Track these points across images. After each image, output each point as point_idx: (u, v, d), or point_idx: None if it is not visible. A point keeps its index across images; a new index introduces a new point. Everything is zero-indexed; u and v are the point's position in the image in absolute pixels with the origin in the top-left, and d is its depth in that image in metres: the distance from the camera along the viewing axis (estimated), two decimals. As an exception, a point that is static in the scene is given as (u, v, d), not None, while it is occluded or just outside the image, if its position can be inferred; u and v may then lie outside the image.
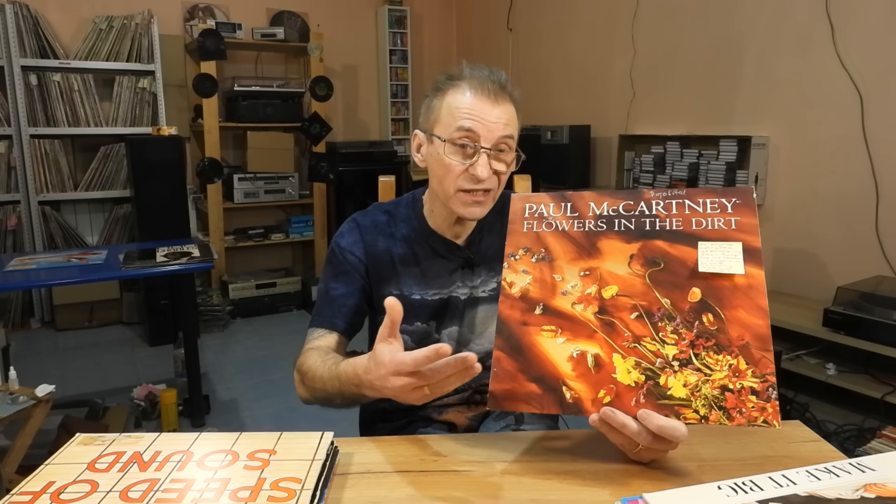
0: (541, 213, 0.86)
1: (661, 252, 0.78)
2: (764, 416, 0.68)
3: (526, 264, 0.83)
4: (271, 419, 2.66)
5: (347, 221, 1.16)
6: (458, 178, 1.01)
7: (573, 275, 0.80)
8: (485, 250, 1.13)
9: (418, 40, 5.11)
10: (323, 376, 0.92)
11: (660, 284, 0.76)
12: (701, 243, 0.77)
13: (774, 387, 0.69)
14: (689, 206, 0.81)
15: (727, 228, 0.78)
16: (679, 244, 0.78)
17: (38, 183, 3.78)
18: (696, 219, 0.79)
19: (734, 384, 0.70)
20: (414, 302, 1.11)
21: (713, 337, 0.72)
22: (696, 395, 0.70)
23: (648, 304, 0.76)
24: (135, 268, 2.39)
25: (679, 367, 0.72)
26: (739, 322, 0.72)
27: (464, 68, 1.05)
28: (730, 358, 0.71)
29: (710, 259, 0.76)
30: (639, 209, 0.82)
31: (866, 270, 2.54)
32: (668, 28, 3.42)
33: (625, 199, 0.84)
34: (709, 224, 0.79)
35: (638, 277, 0.77)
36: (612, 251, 0.80)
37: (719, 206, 0.79)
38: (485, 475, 0.75)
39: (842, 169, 2.64)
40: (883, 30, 2.47)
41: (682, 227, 0.79)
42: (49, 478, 0.68)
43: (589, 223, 0.83)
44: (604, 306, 0.77)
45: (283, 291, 4.22)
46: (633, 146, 3.58)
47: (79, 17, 3.90)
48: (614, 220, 0.82)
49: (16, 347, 3.00)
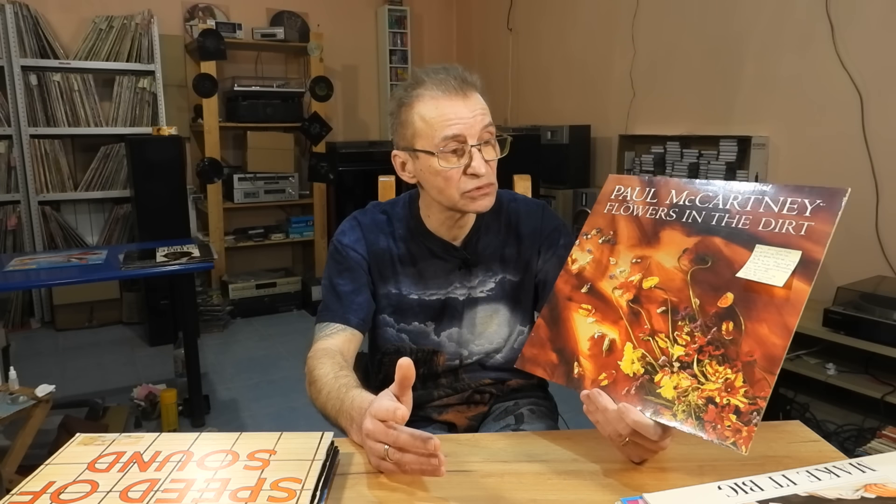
0: (625, 196, 0.87)
1: (714, 250, 0.75)
2: (736, 438, 0.65)
3: (593, 244, 0.85)
4: (271, 419, 2.66)
5: (348, 219, 1.16)
6: (458, 183, 1.01)
7: (626, 260, 0.81)
8: (482, 251, 1.13)
9: (418, 40, 5.11)
10: (329, 393, 0.89)
11: (697, 283, 0.75)
12: (758, 247, 0.73)
13: (761, 412, 0.65)
14: (767, 203, 0.75)
15: (795, 234, 0.71)
16: (735, 244, 0.74)
17: (38, 183, 3.77)
18: (766, 219, 0.74)
19: (722, 399, 0.67)
20: (412, 302, 1.11)
21: (724, 347, 0.70)
22: (682, 399, 0.69)
23: (679, 300, 0.75)
24: (135, 268, 2.38)
25: (678, 369, 0.71)
26: (757, 337, 0.68)
27: (419, 74, 1.03)
28: (729, 372, 0.68)
29: (757, 265, 0.71)
30: (714, 202, 0.79)
31: (866, 270, 2.54)
32: (668, 28, 3.41)
33: (707, 190, 0.81)
34: (777, 226, 0.73)
35: (680, 273, 0.76)
36: (670, 242, 0.79)
37: (798, 208, 0.72)
38: (485, 475, 0.75)
39: (842, 169, 2.64)
40: (883, 30, 2.47)
41: (747, 227, 0.75)
42: (49, 478, 0.68)
43: (661, 211, 0.82)
44: (639, 295, 0.78)
45: (283, 291, 4.22)
46: (633, 146, 3.57)
47: (79, 17, 3.90)
48: (685, 211, 0.80)
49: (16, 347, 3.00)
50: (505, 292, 1.13)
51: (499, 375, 1.16)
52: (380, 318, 1.13)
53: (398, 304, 1.12)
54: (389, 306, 1.12)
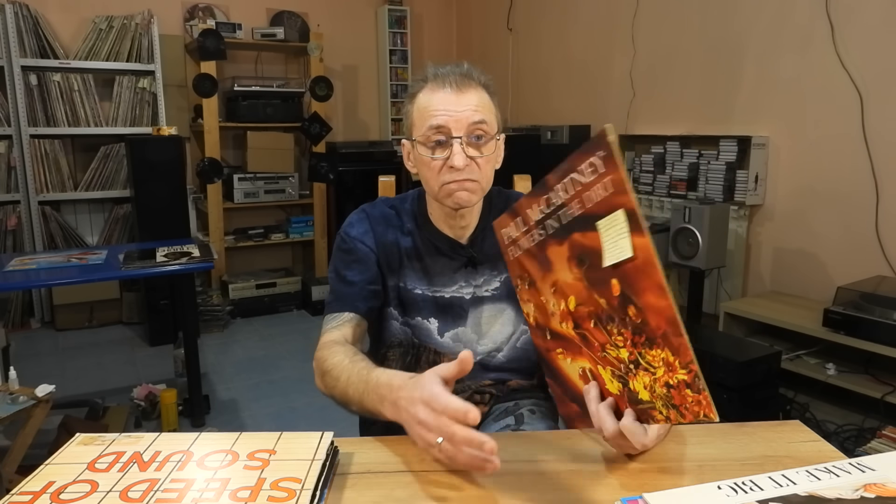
0: (511, 237, 0.83)
1: (580, 246, 0.70)
2: (701, 409, 0.62)
3: (525, 293, 0.83)
4: (271, 419, 2.66)
5: (356, 212, 1.16)
6: (439, 174, 1.02)
7: (548, 293, 0.78)
8: (488, 249, 1.13)
9: (418, 40, 5.11)
10: (349, 378, 0.89)
11: (593, 284, 0.70)
12: (598, 224, 0.66)
13: (699, 376, 0.62)
14: (577, 179, 0.68)
15: (607, 193, 0.65)
16: (587, 231, 0.68)
17: (38, 183, 3.77)
18: (587, 194, 0.67)
19: (672, 379, 0.64)
20: (416, 297, 1.11)
21: (642, 331, 0.66)
22: (655, 396, 0.68)
23: (595, 307, 0.71)
24: (135, 268, 2.39)
25: (635, 370, 0.69)
26: (652, 308, 0.63)
27: (427, 69, 1.06)
28: (660, 351, 0.64)
29: (607, 244, 0.66)
30: (553, 201, 0.73)
31: (866, 270, 2.54)
32: (668, 28, 3.41)
33: (541, 194, 0.74)
34: (595, 195, 0.66)
35: (578, 281, 0.72)
36: (556, 258, 0.75)
37: (593, 168, 0.66)
38: (485, 475, 0.75)
39: (842, 169, 2.64)
40: (883, 30, 2.47)
41: (581, 210, 0.69)
42: (49, 478, 0.68)
43: (535, 234, 0.77)
44: (575, 319, 0.75)
45: (283, 291, 4.22)
46: (634, 146, 3.58)
47: (79, 17, 3.90)
48: (545, 223, 0.75)
49: (16, 347, 3.00)
50: (510, 292, 1.13)
51: (499, 376, 1.16)
52: (386, 310, 1.14)
53: (403, 298, 1.12)
54: (395, 299, 1.13)
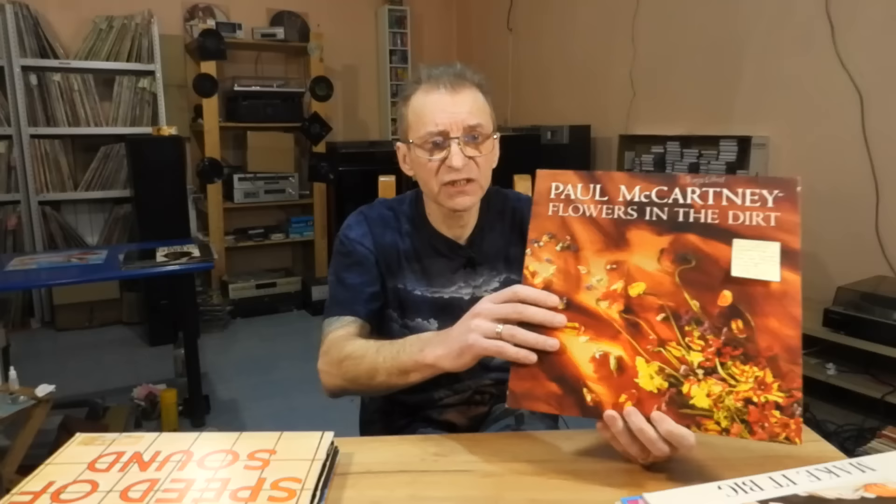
0: (567, 195, 0.78)
1: (692, 248, 0.72)
2: (786, 432, 0.66)
3: (550, 252, 0.77)
4: (271, 419, 2.66)
5: (354, 214, 1.16)
6: (438, 175, 1.02)
7: (599, 268, 0.75)
8: (486, 249, 1.13)
9: (418, 40, 5.11)
10: (378, 349, 0.92)
11: (690, 284, 0.71)
12: (736, 241, 0.71)
13: (800, 403, 0.66)
14: (728, 196, 0.73)
15: (766, 225, 0.70)
16: (713, 240, 0.72)
17: (38, 183, 3.77)
18: (734, 212, 0.72)
19: (759, 397, 0.67)
20: (416, 298, 1.11)
21: (741, 346, 0.68)
22: (720, 406, 0.68)
23: (676, 305, 0.71)
24: (135, 268, 2.38)
25: (704, 376, 0.69)
26: (770, 332, 0.68)
27: (420, 71, 1.06)
28: (756, 369, 0.67)
29: (745, 261, 0.70)
30: (672, 197, 0.75)
31: (866, 270, 2.54)
32: (668, 28, 3.41)
33: (659, 184, 0.76)
34: (746, 219, 0.71)
35: (667, 275, 0.72)
36: (642, 243, 0.74)
37: (759, 199, 0.71)
38: (485, 475, 0.75)
39: (842, 169, 2.64)
40: (883, 30, 2.47)
41: (717, 221, 0.72)
42: (49, 478, 0.68)
43: (619, 210, 0.76)
44: (630, 305, 0.72)
45: (284, 291, 4.22)
46: (634, 146, 3.57)
47: (79, 17, 3.90)
48: (646, 208, 0.75)
49: (16, 347, 3.00)
50: None
51: (500, 376, 1.15)
52: (386, 312, 1.14)
53: (403, 299, 1.12)
54: (395, 301, 1.13)
